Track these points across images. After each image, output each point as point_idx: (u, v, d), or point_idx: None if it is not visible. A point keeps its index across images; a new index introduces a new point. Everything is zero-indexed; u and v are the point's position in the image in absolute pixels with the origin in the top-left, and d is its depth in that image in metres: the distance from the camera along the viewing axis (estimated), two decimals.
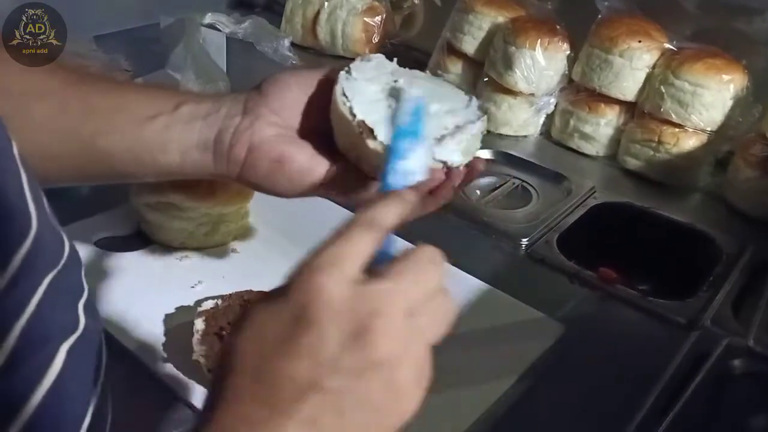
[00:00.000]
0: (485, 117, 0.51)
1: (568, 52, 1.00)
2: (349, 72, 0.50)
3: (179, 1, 1.25)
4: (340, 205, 0.70)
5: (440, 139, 0.48)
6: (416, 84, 0.52)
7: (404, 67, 0.54)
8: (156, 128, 0.50)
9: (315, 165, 0.49)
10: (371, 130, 0.46)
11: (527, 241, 0.79)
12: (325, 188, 0.50)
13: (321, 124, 0.50)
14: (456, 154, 0.48)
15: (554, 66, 0.99)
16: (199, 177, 0.52)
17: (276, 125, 0.49)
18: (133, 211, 0.73)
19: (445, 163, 0.48)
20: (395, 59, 0.55)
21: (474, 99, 0.53)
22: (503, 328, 0.66)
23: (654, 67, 0.94)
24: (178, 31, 1.10)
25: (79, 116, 0.50)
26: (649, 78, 0.94)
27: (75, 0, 1.17)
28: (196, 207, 0.69)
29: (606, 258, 0.78)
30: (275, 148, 0.49)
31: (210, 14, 1.22)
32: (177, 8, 1.16)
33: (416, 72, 0.55)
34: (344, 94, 0.48)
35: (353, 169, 0.49)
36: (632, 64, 0.93)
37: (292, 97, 0.50)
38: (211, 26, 1.19)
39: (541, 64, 0.98)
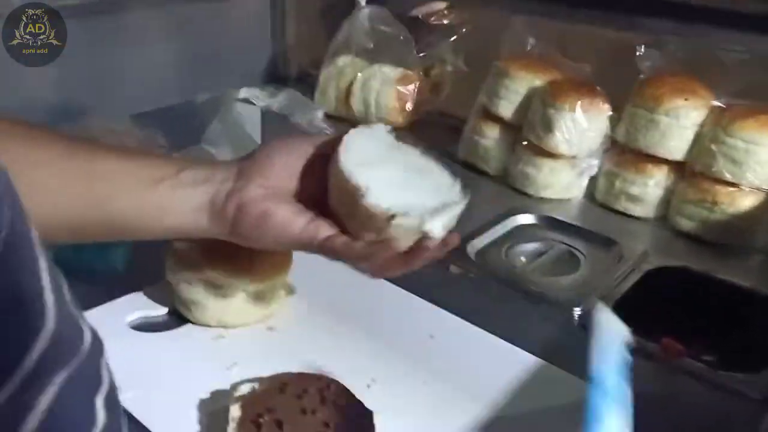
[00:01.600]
0: (466, 199, 0.56)
1: (610, 112, 0.97)
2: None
3: (215, 78, 1.27)
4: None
5: (431, 213, 0.53)
6: (408, 160, 0.58)
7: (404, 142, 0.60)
8: (162, 192, 0.54)
9: (295, 219, 0.54)
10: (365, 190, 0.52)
11: (580, 310, 0.74)
12: (307, 244, 0.54)
13: (309, 187, 0.56)
14: (439, 228, 0.53)
15: (596, 127, 0.96)
16: (194, 236, 0.58)
17: (264, 187, 0.55)
18: (168, 289, 0.71)
19: (426, 233, 0.52)
20: (393, 132, 0.60)
21: (458, 181, 0.58)
22: (564, 408, 0.61)
23: (702, 125, 0.90)
24: (214, 106, 1.11)
25: (83, 182, 0.52)
26: (698, 136, 0.90)
27: (112, 80, 1.21)
28: (232, 283, 0.66)
29: (665, 327, 0.72)
30: (260, 205, 0.54)
31: (245, 89, 1.23)
32: (213, 84, 1.17)
33: (410, 149, 0.60)
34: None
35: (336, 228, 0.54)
36: (679, 123, 0.90)
37: (282, 162, 0.56)
38: (246, 101, 1.20)
39: (582, 126, 0.95)
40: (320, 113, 1.23)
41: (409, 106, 1.25)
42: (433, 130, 1.27)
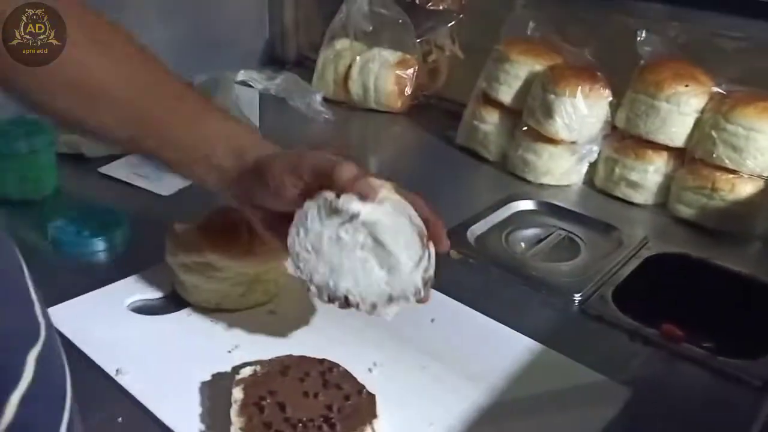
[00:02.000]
0: (425, 290, 0.56)
1: (610, 98, 0.97)
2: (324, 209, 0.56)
3: (212, 60, 1.26)
4: None
5: (372, 309, 0.56)
6: (375, 231, 0.55)
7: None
8: (195, 172, 0.62)
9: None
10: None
11: (580, 296, 0.74)
12: None
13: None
14: (388, 315, 0.56)
15: (596, 113, 0.96)
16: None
17: (260, 209, 0.61)
18: (168, 271, 0.70)
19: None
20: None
21: (425, 259, 0.55)
22: (564, 392, 0.61)
23: (703, 111, 0.90)
24: (211, 88, 1.10)
25: (138, 130, 0.60)
26: (698, 123, 0.90)
27: None
28: (232, 266, 0.66)
29: (665, 313, 0.73)
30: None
31: (243, 71, 1.22)
32: (210, 67, 1.16)
33: (387, 208, 0.55)
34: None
35: None
36: (680, 109, 0.90)
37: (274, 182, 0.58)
38: (244, 83, 1.19)
39: (582, 112, 0.95)
40: (318, 97, 1.22)
41: (407, 90, 1.24)
42: (431, 115, 1.26)
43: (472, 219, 0.89)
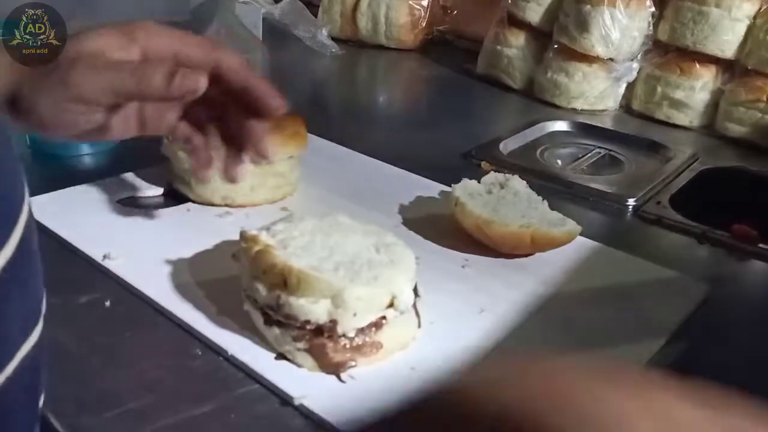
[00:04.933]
0: None
1: (652, 8, 0.88)
2: None
3: None
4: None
5: None
6: None
7: None
8: None
9: None
10: None
11: (635, 201, 0.66)
12: None
13: None
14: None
15: (637, 24, 0.87)
16: None
17: None
18: (164, 169, 0.61)
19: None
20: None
21: None
22: (633, 287, 0.52)
23: (756, 16, 0.82)
24: (209, 10, 1.01)
25: None
26: (751, 30, 0.82)
27: None
28: None
29: (723, 223, 0.64)
30: None
31: None
32: None
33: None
34: None
35: None
36: (731, 15, 0.82)
37: None
38: (246, 2, 1.10)
39: (622, 23, 0.86)
40: (324, 31, 1.13)
41: (422, 22, 1.16)
42: (447, 51, 1.18)
43: (502, 137, 0.80)
